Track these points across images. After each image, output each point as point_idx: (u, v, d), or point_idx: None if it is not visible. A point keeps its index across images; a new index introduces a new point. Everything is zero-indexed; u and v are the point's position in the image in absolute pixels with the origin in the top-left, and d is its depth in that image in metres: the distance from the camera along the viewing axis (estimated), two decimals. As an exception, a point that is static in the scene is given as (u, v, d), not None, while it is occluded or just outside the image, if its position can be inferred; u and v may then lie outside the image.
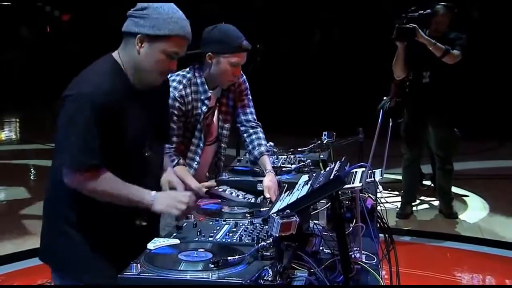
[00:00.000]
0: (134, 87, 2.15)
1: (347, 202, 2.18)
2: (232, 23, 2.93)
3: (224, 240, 2.05)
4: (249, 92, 3.15)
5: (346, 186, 1.92)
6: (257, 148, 3.01)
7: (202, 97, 2.92)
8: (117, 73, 2.12)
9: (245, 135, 3.09)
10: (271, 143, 3.29)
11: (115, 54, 2.17)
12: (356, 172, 2.19)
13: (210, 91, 2.95)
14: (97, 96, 2.00)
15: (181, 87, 2.88)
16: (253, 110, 3.14)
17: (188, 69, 2.95)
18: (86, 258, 2.14)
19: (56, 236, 2.18)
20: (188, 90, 2.90)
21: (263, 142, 3.06)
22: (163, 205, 2.11)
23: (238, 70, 2.92)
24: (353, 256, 1.98)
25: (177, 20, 2.09)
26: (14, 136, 12.22)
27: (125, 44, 2.14)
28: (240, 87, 3.09)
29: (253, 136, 3.06)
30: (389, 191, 6.20)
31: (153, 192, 2.12)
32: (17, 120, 13.78)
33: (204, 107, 2.93)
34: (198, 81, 2.92)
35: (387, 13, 7.53)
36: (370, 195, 2.43)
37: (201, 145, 2.98)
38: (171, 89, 2.75)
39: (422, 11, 5.08)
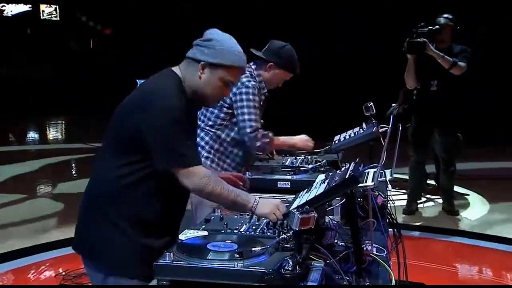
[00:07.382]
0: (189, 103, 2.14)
1: (359, 199, 2.16)
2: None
3: (248, 232, 2.04)
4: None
5: (360, 184, 1.91)
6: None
7: (263, 91, 3.23)
8: (182, 90, 2.11)
9: None
10: None
11: (176, 70, 2.16)
12: (368, 172, 2.16)
13: None
14: (178, 111, 2.01)
15: (254, 82, 3.15)
16: None
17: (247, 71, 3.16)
18: (132, 253, 2.06)
19: (106, 230, 2.08)
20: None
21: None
22: (267, 210, 2.06)
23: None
24: (365, 248, 1.97)
25: (237, 52, 2.13)
26: (60, 136, 12.39)
27: (187, 66, 2.14)
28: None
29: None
30: (397, 189, 6.14)
31: (257, 197, 2.09)
32: (63, 122, 13.97)
33: (263, 96, 3.23)
34: (257, 79, 3.20)
35: (395, 23, 7.48)
36: (380, 193, 2.41)
37: None
38: (251, 83, 3.08)
39: (431, 27, 5.03)
